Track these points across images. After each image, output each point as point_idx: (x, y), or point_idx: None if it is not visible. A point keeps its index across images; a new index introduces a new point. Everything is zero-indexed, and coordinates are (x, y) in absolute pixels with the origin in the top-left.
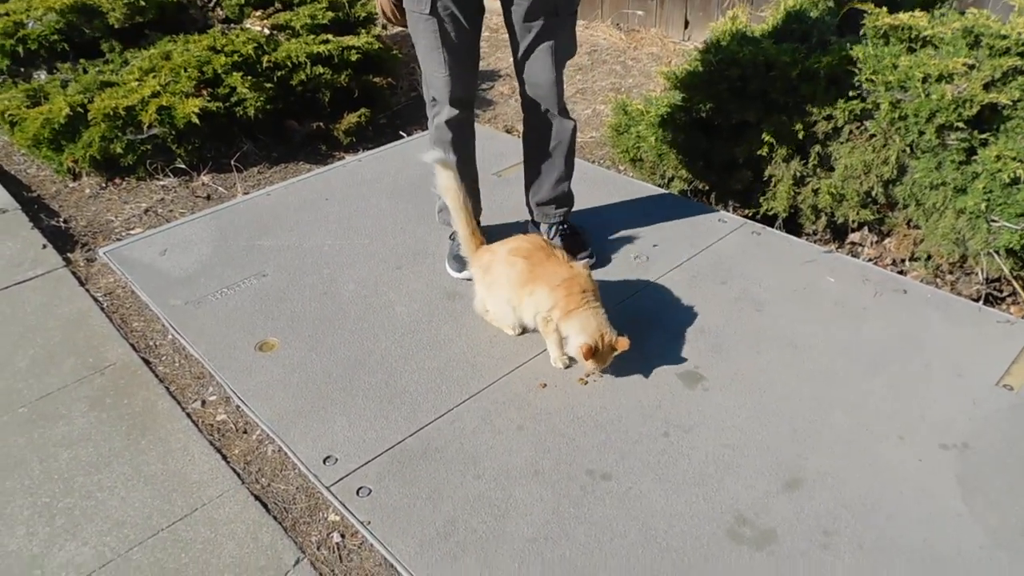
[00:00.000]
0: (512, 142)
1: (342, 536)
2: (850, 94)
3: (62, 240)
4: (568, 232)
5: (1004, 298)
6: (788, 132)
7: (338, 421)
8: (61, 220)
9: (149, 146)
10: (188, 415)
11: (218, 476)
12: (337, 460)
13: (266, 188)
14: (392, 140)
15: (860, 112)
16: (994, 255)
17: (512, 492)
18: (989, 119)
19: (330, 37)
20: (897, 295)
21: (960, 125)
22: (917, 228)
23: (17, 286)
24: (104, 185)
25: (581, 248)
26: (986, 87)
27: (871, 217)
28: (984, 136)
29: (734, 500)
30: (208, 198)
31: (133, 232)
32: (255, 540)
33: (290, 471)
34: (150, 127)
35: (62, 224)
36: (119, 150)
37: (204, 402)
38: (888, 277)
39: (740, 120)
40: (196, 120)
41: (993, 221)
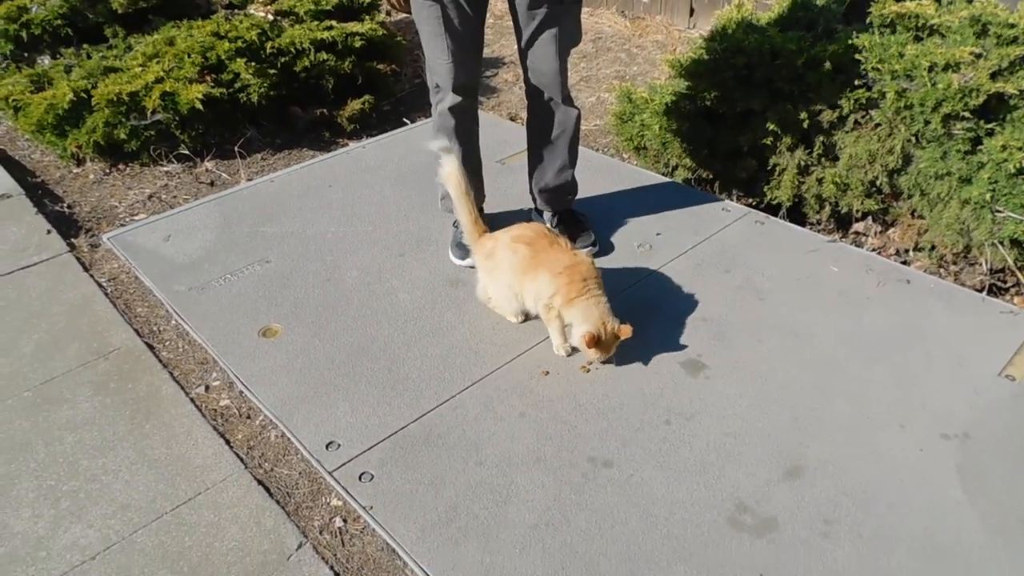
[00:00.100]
0: (516, 130)
1: (344, 521)
2: (856, 83)
3: (66, 225)
4: (571, 219)
5: (1008, 288)
6: (793, 121)
7: (341, 407)
8: (65, 206)
9: (153, 132)
10: (192, 400)
11: (221, 461)
12: (340, 446)
13: (270, 175)
14: (396, 127)
15: (866, 101)
16: (998, 245)
17: (514, 479)
18: (995, 109)
19: (334, 23)
20: (900, 285)
21: (966, 115)
22: (921, 218)
23: (22, 271)
24: (108, 171)
25: (581, 230)
26: (993, 76)
27: (875, 207)
28: (990, 126)
29: (735, 488)
30: (212, 184)
31: (137, 218)
32: (258, 524)
33: (293, 456)
34: (154, 113)
35: (66, 210)
36: (123, 136)
37: (208, 387)
38: (891, 267)
39: (745, 109)
40: (200, 106)
41: (998, 211)
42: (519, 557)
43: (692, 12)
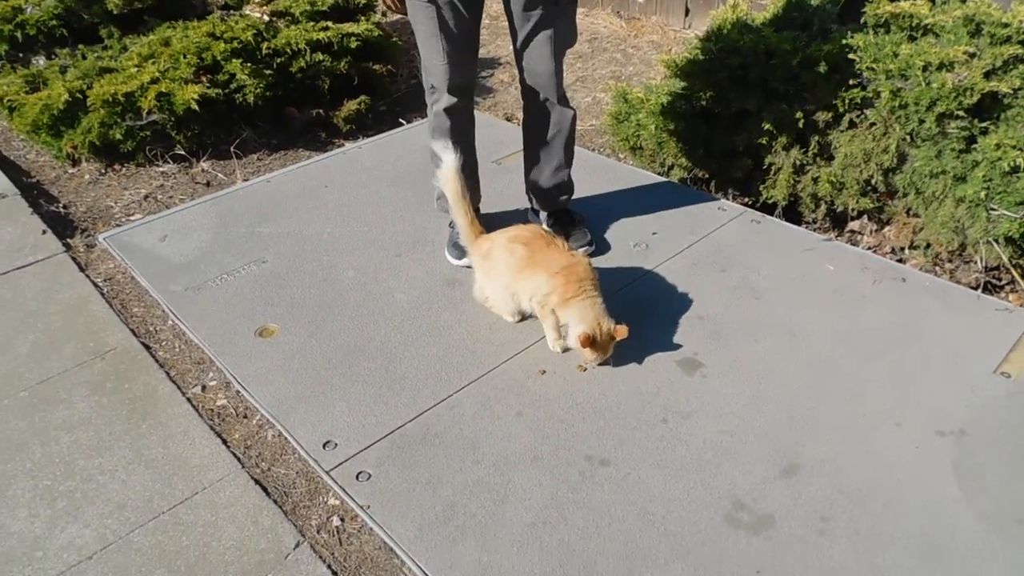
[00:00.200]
0: (512, 130)
1: (342, 520)
2: (851, 82)
3: (62, 226)
4: (567, 219)
5: (1003, 286)
6: (788, 120)
7: (338, 406)
8: (61, 206)
9: (148, 132)
10: (188, 400)
11: (218, 460)
12: (337, 445)
13: (266, 175)
14: (392, 127)
15: (860, 100)
16: (993, 243)
17: (511, 477)
18: (989, 107)
19: (330, 24)
20: (896, 283)
21: (960, 113)
22: (916, 216)
23: (17, 271)
24: (103, 171)
25: (577, 229)
26: (987, 75)
27: (871, 205)
28: (984, 124)
29: (732, 486)
30: (208, 184)
31: (133, 218)
32: (255, 523)
33: (290, 456)
34: (149, 113)
35: (62, 210)
36: (118, 136)
37: (204, 387)
38: (887, 265)
39: (740, 108)
40: (195, 106)
41: (992, 209)
42: (517, 555)
43: (687, 12)
